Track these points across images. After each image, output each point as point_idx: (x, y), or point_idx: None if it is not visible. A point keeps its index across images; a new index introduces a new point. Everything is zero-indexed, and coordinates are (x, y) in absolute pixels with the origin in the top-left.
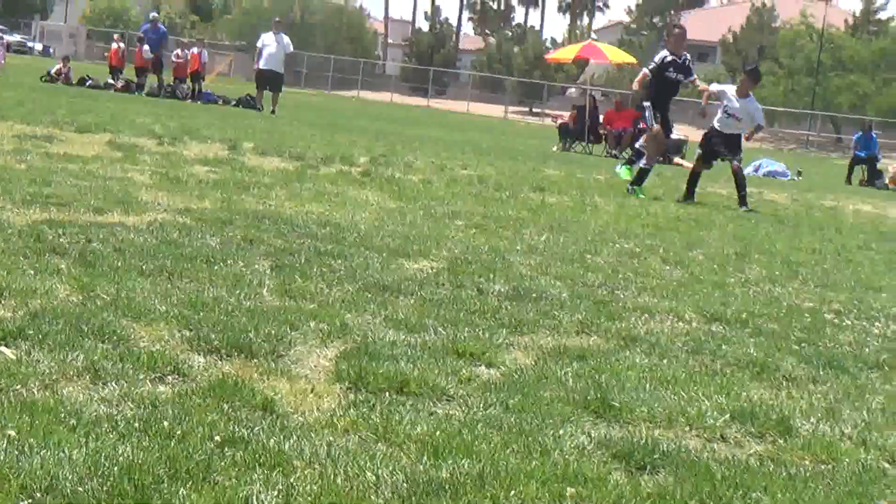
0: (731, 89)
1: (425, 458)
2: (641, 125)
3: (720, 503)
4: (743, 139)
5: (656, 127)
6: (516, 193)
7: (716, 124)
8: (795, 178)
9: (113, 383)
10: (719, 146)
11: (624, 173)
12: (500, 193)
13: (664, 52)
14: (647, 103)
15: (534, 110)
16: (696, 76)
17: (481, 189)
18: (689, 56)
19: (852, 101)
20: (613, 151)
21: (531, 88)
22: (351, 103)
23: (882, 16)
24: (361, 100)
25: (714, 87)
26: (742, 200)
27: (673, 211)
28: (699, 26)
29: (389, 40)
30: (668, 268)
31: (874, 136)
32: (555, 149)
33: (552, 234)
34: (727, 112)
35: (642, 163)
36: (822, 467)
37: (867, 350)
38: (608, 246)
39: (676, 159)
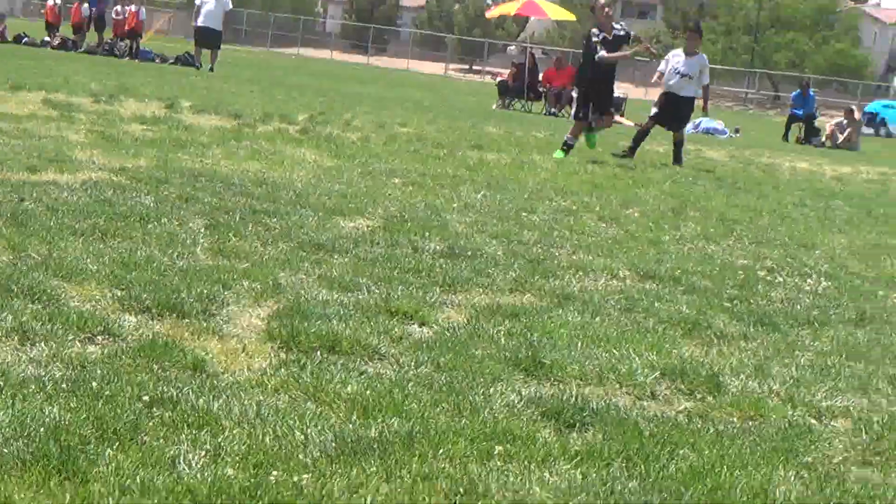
0: (677, 52)
1: (355, 417)
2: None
3: (647, 460)
4: (699, 105)
5: (580, 123)
6: (454, 151)
7: (670, 88)
8: (733, 136)
9: (42, 344)
10: (675, 114)
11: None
12: (438, 151)
13: (594, 30)
14: (575, 91)
15: (474, 67)
16: (632, 34)
17: (420, 147)
18: (621, 27)
19: (790, 59)
20: (553, 109)
21: (472, 46)
22: (291, 61)
23: None
24: (301, 57)
25: (661, 66)
26: (677, 158)
27: (610, 169)
28: None
29: None
30: (603, 225)
31: (811, 93)
32: (494, 106)
33: (489, 192)
34: (680, 73)
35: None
36: (750, 424)
37: (798, 307)
38: (545, 203)
39: (617, 117)
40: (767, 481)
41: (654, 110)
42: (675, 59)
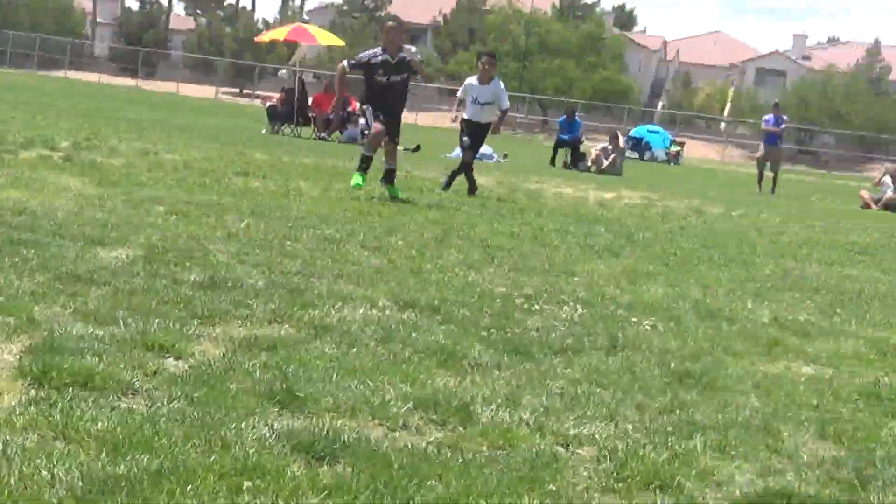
0: (471, 80)
1: (104, 454)
2: (351, 108)
3: (395, 492)
4: (491, 131)
5: (376, 126)
6: (220, 178)
7: (469, 116)
8: (501, 161)
9: None
10: (476, 140)
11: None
12: (204, 178)
13: (376, 50)
14: (365, 106)
15: (245, 91)
16: (422, 70)
17: (186, 174)
18: (409, 53)
19: (558, 85)
20: (322, 134)
21: (243, 69)
22: (58, 84)
23: (588, 0)
24: (69, 80)
25: (459, 94)
26: (448, 183)
27: (376, 196)
28: (410, 8)
29: (98, 19)
30: (366, 254)
31: (578, 119)
32: (263, 131)
33: (253, 220)
34: (478, 102)
35: (362, 150)
36: (498, 453)
37: (553, 335)
38: (308, 232)
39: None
40: None
41: (465, 140)
42: (472, 89)
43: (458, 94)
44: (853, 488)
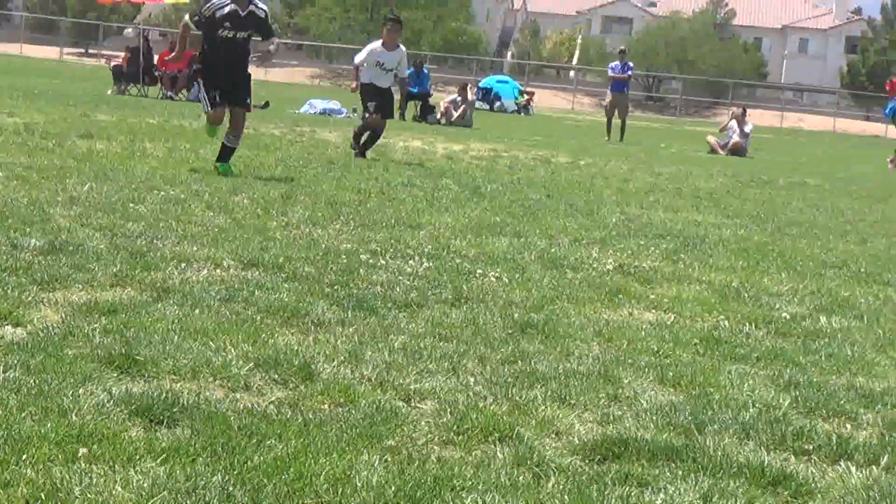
0: (376, 46)
1: None
2: (196, 66)
3: (233, 453)
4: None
5: (210, 112)
6: (63, 141)
7: (371, 81)
8: (351, 116)
9: None
10: (387, 105)
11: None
12: (46, 142)
13: (215, 1)
14: (198, 80)
15: (90, 52)
16: (275, 35)
17: (27, 138)
18: (261, 7)
19: (406, 37)
20: (169, 93)
21: (87, 29)
22: None
23: None
24: None
25: (358, 59)
26: (363, 150)
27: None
28: None
29: None
30: (211, 214)
31: (426, 71)
32: (109, 92)
33: (96, 184)
34: (384, 68)
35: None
36: (339, 410)
37: (398, 289)
38: (153, 193)
39: None
40: (350, 467)
41: (372, 105)
42: (378, 55)
43: (359, 60)
44: (689, 432)
